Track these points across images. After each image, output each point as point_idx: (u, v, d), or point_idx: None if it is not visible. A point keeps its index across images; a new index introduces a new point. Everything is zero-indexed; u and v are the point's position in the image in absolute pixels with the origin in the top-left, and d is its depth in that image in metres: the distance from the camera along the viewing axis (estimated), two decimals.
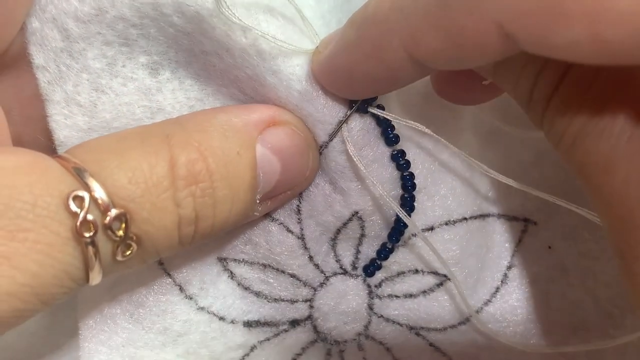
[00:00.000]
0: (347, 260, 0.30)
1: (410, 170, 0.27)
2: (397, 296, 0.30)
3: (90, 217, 0.20)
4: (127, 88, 0.26)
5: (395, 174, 0.27)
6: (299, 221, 0.28)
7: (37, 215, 0.19)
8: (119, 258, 0.21)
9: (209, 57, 0.26)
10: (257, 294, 0.29)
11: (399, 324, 0.31)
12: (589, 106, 0.19)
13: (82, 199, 0.20)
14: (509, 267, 0.31)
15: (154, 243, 0.22)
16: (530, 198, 0.30)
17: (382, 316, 0.31)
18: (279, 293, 0.29)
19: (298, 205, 0.28)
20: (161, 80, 0.26)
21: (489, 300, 0.30)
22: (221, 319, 0.29)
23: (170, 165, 0.22)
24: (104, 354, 0.28)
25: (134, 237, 0.21)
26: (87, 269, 0.20)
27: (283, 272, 0.29)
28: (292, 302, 0.30)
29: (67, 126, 0.26)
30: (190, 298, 0.28)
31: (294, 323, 0.30)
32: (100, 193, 0.20)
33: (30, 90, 0.26)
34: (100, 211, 0.20)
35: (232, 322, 0.29)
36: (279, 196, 0.26)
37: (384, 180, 0.27)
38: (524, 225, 0.31)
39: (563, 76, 0.20)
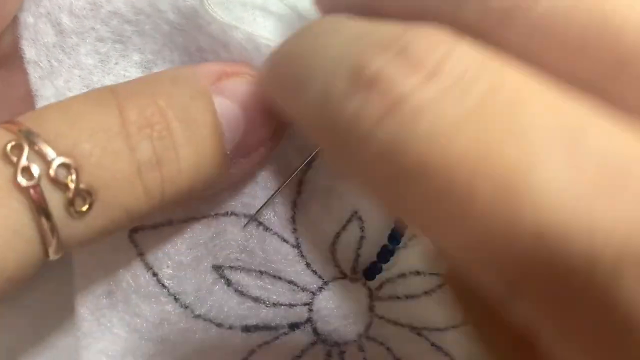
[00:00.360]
0: (346, 265, 0.29)
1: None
2: (398, 297, 0.30)
3: (33, 166, 0.19)
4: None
5: None
6: (294, 231, 0.28)
7: None
8: (74, 214, 0.19)
9: (205, 54, 0.25)
10: (255, 300, 0.29)
11: (400, 324, 0.30)
12: None
13: (20, 148, 0.19)
14: None
15: (114, 192, 0.20)
16: None
17: (383, 317, 0.30)
18: (277, 298, 0.29)
19: (292, 216, 0.28)
20: None
21: None
22: (219, 325, 0.28)
23: (118, 112, 0.20)
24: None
25: (88, 188, 0.20)
26: (41, 233, 0.19)
27: (280, 278, 0.29)
28: (291, 306, 0.29)
29: None
30: (186, 307, 0.28)
31: (293, 326, 0.30)
32: (39, 142, 0.19)
33: (21, 90, 0.25)
34: (43, 161, 0.19)
35: (230, 327, 0.29)
36: (252, 154, 0.24)
37: None
38: None
39: None
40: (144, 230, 0.27)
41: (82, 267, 0.27)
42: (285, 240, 0.28)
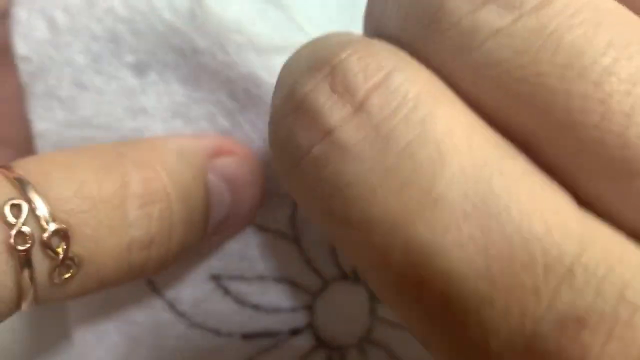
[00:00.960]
0: (348, 266, 0.29)
1: None
2: None
3: (27, 229, 0.18)
4: (110, 87, 0.25)
5: None
6: (293, 226, 0.27)
7: None
8: (56, 280, 0.19)
9: (201, 56, 0.25)
10: (255, 307, 0.28)
11: (402, 327, 0.30)
12: None
13: (19, 208, 0.18)
14: None
15: (97, 266, 0.20)
16: None
17: (384, 320, 0.30)
18: (278, 303, 0.28)
19: (292, 213, 0.27)
20: (146, 82, 0.25)
21: None
22: (216, 333, 0.28)
23: (122, 182, 0.20)
24: None
25: (75, 258, 0.20)
26: (19, 289, 0.19)
27: (281, 281, 0.28)
28: (292, 310, 0.29)
29: (46, 119, 0.25)
30: (183, 315, 0.27)
31: (294, 332, 0.29)
32: (40, 204, 0.19)
33: (9, 90, 0.25)
34: (39, 225, 0.19)
35: (229, 335, 0.28)
36: (225, 231, 0.25)
37: None
38: None
39: None
40: None
41: None
42: (284, 237, 0.27)
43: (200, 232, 0.23)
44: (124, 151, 0.22)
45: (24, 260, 0.18)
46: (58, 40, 0.25)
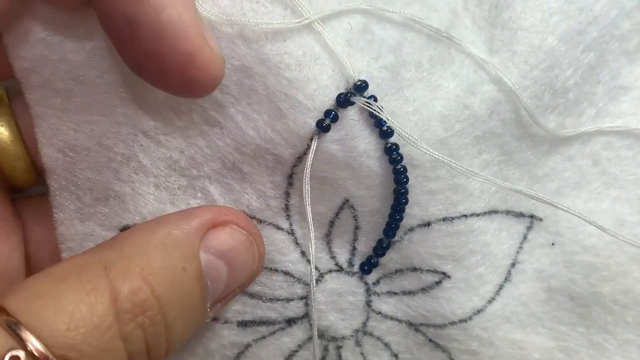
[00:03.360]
0: (343, 257, 0.29)
1: (403, 163, 0.26)
2: (395, 293, 0.30)
3: None
4: (104, 79, 0.26)
5: (388, 166, 0.26)
6: (288, 217, 0.28)
7: None
8: None
9: None
10: (252, 295, 0.29)
11: (397, 320, 0.30)
12: None
13: (18, 358, 0.19)
14: (513, 264, 0.30)
15: None
16: (538, 192, 0.29)
17: (380, 313, 0.30)
18: (274, 292, 0.29)
19: (286, 205, 0.28)
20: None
21: (493, 298, 0.30)
22: (213, 319, 0.29)
23: (111, 299, 0.21)
24: None
25: None
26: None
27: (276, 270, 0.29)
28: (288, 300, 0.29)
29: (43, 104, 0.26)
30: None
31: (290, 322, 0.30)
32: (37, 347, 0.19)
33: None
34: None
35: (226, 322, 0.29)
36: (228, 296, 0.26)
37: (375, 172, 0.26)
38: (529, 221, 0.30)
39: None
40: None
41: None
42: (279, 228, 0.28)
43: (201, 314, 0.24)
44: (108, 263, 0.21)
45: None
46: (52, 39, 0.25)
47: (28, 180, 0.28)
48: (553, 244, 0.30)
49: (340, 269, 0.29)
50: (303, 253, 0.29)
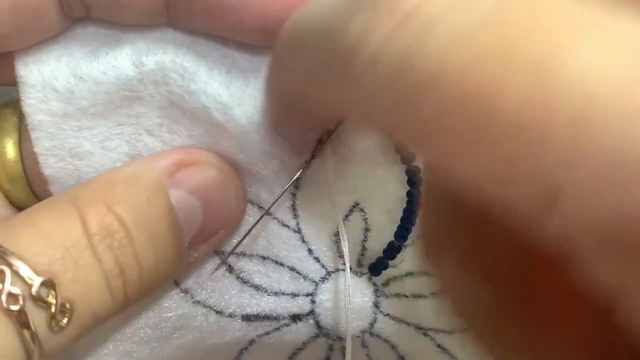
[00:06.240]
0: (352, 257, 0.29)
1: (416, 164, 0.25)
2: (405, 296, 0.29)
3: (15, 290, 0.20)
4: (107, 77, 0.25)
5: (400, 166, 0.26)
6: (295, 216, 0.27)
7: None
8: (56, 328, 0.21)
9: (196, 46, 0.25)
10: (257, 287, 0.29)
11: (406, 323, 0.30)
12: None
13: (2, 273, 0.20)
14: None
15: (88, 303, 0.22)
16: None
17: (388, 314, 0.29)
18: (280, 286, 0.29)
19: (293, 204, 0.27)
20: (144, 71, 0.25)
21: None
22: (218, 312, 0.28)
23: (82, 225, 0.22)
24: (103, 348, 0.28)
25: (67, 303, 0.21)
26: (25, 348, 0.20)
27: (282, 265, 0.28)
28: (293, 296, 0.29)
29: (41, 111, 0.25)
30: (186, 292, 0.28)
31: (295, 318, 0.29)
32: (19, 264, 0.20)
33: None
34: (25, 283, 0.20)
35: (230, 315, 0.29)
36: (212, 238, 0.26)
37: (386, 172, 0.26)
38: None
39: None
40: None
41: None
42: (285, 225, 0.28)
43: (176, 248, 0.24)
44: (74, 195, 0.23)
45: (21, 319, 0.20)
46: (58, 41, 0.24)
47: (28, 201, 0.28)
48: None
49: (349, 269, 0.28)
50: (310, 251, 0.28)
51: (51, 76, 0.25)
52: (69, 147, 0.25)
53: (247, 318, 0.29)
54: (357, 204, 0.27)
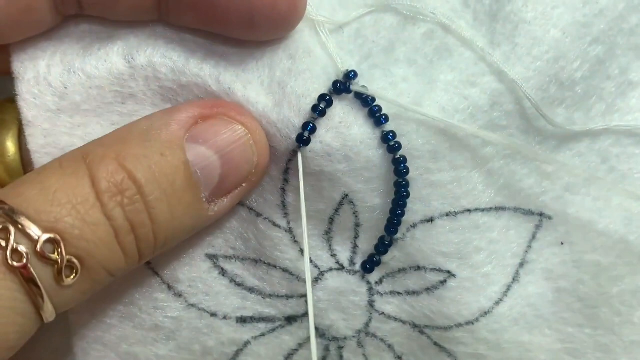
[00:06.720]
0: (344, 255, 0.29)
1: (402, 153, 0.26)
2: (399, 293, 0.29)
3: (20, 247, 0.20)
4: (99, 71, 0.25)
5: (387, 157, 0.26)
6: (285, 215, 0.27)
7: None
8: (65, 283, 0.21)
9: (190, 44, 0.26)
10: (251, 290, 0.28)
11: (401, 321, 0.29)
12: None
13: (7, 230, 0.20)
14: (522, 264, 0.29)
15: (97, 259, 0.22)
16: (547, 189, 0.28)
17: (383, 313, 0.29)
18: (274, 288, 0.29)
19: (283, 201, 0.27)
20: (135, 66, 0.26)
21: (501, 299, 0.29)
22: (213, 315, 0.28)
23: (91, 182, 0.22)
24: (99, 351, 0.28)
25: (74, 259, 0.21)
26: (33, 302, 0.21)
27: (275, 266, 0.28)
28: (288, 297, 0.29)
29: (35, 106, 0.25)
30: (180, 295, 0.28)
31: (290, 319, 0.29)
32: (24, 222, 0.20)
33: None
34: (30, 239, 0.20)
35: (225, 317, 0.28)
36: (234, 191, 0.25)
37: (373, 163, 0.26)
38: (539, 219, 0.29)
39: None
40: None
41: None
42: (276, 225, 0.28)
43: (192, 203, 0.24)
44: (86, 152, 0.23)
45: (27, 274, 0.20)
46: (50, 32, 0.25)
47: None
48: (562, 244, 0.29)
49: (341, 268, 0.29)
50: (302, 251, 0.28)
51: (45, 71, 0.25)
52: (62, 146, 0.26)
53: (241, 320, 0.29)
54: (347, 196, 0.27)
